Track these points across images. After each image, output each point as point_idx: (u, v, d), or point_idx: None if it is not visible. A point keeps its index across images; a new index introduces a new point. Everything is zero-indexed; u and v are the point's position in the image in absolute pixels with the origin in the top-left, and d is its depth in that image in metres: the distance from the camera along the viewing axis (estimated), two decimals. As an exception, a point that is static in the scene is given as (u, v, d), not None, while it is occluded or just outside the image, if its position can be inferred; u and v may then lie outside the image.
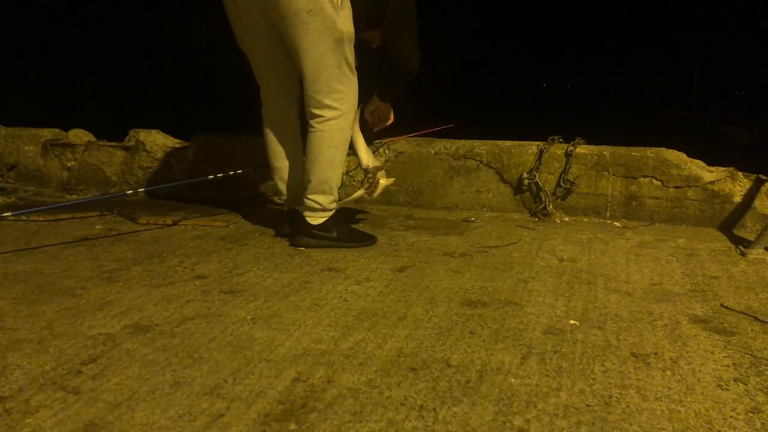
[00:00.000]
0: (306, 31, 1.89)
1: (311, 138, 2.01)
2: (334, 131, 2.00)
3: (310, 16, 1.87)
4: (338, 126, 2.00)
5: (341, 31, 1.92)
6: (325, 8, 1.87)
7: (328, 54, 1.92)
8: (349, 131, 2.05)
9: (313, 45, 1.91)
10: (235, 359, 1.25)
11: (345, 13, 1.93)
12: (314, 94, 1.97)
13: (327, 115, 1.98)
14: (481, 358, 1.26)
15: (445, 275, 1.80)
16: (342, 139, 2.03)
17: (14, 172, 3.27)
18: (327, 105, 1.97)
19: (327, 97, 1.97)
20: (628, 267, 1.89)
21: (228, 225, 2.39)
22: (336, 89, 1.97)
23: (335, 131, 2.00)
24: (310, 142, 2.01)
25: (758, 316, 1.49)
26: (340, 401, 1.09)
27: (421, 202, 2.76)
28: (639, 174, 2.49)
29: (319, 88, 1.96)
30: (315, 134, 2.00)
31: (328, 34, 1.90)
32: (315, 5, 1.86)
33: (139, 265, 1.88)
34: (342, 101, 1.99)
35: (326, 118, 1.98)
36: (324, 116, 1.98)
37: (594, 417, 1.05)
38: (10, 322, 1.43)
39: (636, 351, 1.30)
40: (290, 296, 1.61)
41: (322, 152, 2.00)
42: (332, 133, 2.00)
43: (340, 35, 1.92)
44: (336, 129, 2.00)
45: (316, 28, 1.89)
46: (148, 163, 3.13)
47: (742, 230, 2.34)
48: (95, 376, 1.17)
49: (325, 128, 1.99)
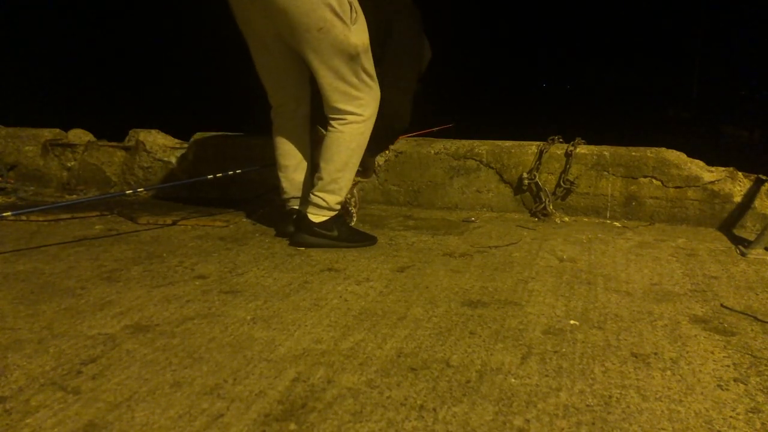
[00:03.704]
0: (318, 48, 1.88)
1: (329, 137, 2.00)
2: (354, 134, 1.99)
3: (322, 34, 1.85)
4: (358, 130, 1.99)
5: (355, 45, 1.90)
6: (336, 25, 1.85)
7: (343, 67, 1.91)
8: (368, 137, 2.03)
9: (327, 60, 1.90)
10: (235, 359, 1.25)
11: (358, 26, 1.91)
12: (334, 104, 1.97)
13: (348, 119, 1.98)
14: (481, 358, 1.26)
15: (445, 275, 1.80)
16: (360, 142, 2.02)
17: (14, 172, 3.27)
18: (349, 111, 1.97)
19: (348, 105, 1.96)
20: (628, 267, 1.89)
21: (228, 225, 2.39)
22: (356, 97, 1.96)
23: (355, 134, 1.99)
24: (327, 141, 2.00)
25: (758, 316, 1.49)
26: (340, 401, 1.09)
27: (421, 202, 2.76)
28: (639, 174, 2.49)
29: (338, 98, 1.96)
30: (334, 135, 1.99)
31: (341, 49, 1.88)
32: (325, 23, 1.84)
33: (139, 265, 1.88)
34: (364, 107, 1.98)
35: (348, 121, 1.98)
36: (345, 119, 1.98)
37: (594, 417, 1.05)
38: (10, 322, 1.42)
39: (636, 351, 1.30)
40: (290, 296, 1.61)
41: (339, 153, 1.99)
42: (351, 136, 1.99)
43: (354, 49, 1.90)
44: (356, 132, 1.99)
45: (328, 45, 1.87)
46: (148, 163, 3.13)
47: (742, 230, 2.34)
48: (95, 376, 1.17)
49: (345, 130, 1.98)
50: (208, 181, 2.42)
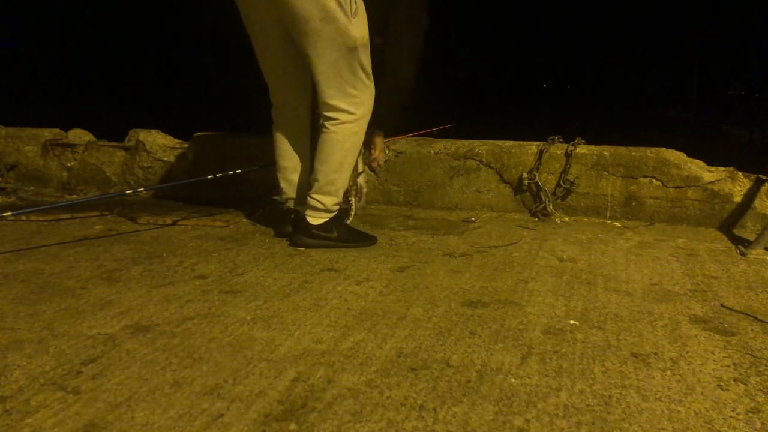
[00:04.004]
0: (318, 38, 1.88)
1: (323, 139, 2.00)
2: (347, 134, 1.99)
3: (323, 24, 1.85)
4: (352, 130, 1.99)
5: (355, 38, 1.90)
6: (338, 17, 1.86)
7: (341, 61, 1.91)
8: (362, 136, 2.04)
9: (325, 52, 1.89)
10: (235, 359, 1.25)
11: (359, 19, 1.91)
12: (328, 100, 1.96)
13: (341, 118, 1.97)
14: (481, 358, 1.26)
15: (445, 275, 1.80)
16: (355, 142, 2.02)
17: (14, 172, 3.27)
18: (342, 109, 1.96)
19: (342, 101, 1.96)
20: (628, 267, 1.89)
21: (228, 225, 2.39)
22: (351, 94, 1.96)
23: (348, 134, 1.99)
24: (321, 142, 2.00)
25: (758, 316, 1.49)
26: (340, 401, 1.09)
27: (421, 202, 2.76)
28: (639, 174, 2.49)
29: (333, 93, 1.95)
30: (327, 135, 1.99)
31: (341, 41, 1.88)
32: (327, 14, 1.84)
33: (139, 265, 1.88)
34: (358, 106, 1.98)
35: (340, 121, 1.97)
36: (338, 119, 1.97)
37: (594, 417, 1.05)
38: (10, 322, 1.43)
39: (636, 351, 1.30)
40: (290, 296, 1.61)
41: (333, 154, 1.99)
42: (345, 136, 1.99)
43: (353, 42, 1.90)
44: (349, 132, 1.99)
45: (328, 36, 1.87)
46: (148, 163, 3.13)
47: (742, 230, 2.34)
48: (95, 376, 1.17)
49: (338, 131, 1.98)
50: (208, 181, 2.42)
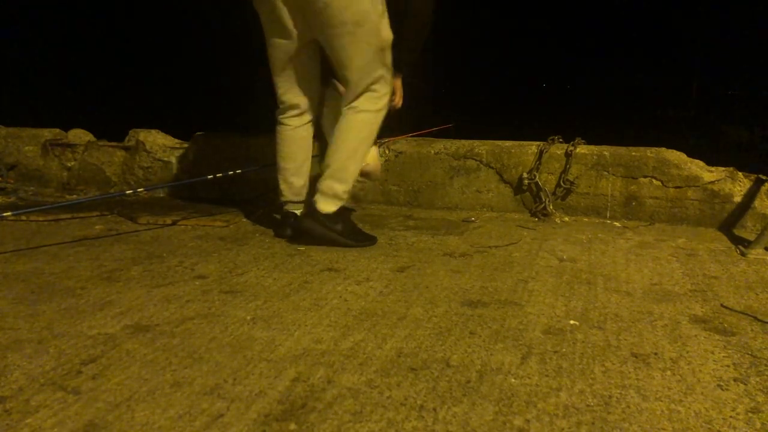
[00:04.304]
0: (352, 41, 1.93)
1: (341, 124, 2.04)
2: (365, 123, 2.04)
3: (357, 27, 1.90)
4: (369, 120, 2.04)
5: (384, 39, 1.97)
6: (372, 19, 1.91)
7: (372, 61, 1.97)
8: (377, 127, 2.09)
9: (358, 53, 1.95)
10: (235, 359, 1.25)
11: (386, 20, 1.97)
12: (352, 95, 2.02)
13: (361, 107, 2.03)
14: (481, 358, 1.26)
15: (445, 275, 1.80)
16: (370, 132, 2.06)
17: (14, 172, 3.27)
18: (364, 101, 2.02)
19: (364, 97, 2.02)
20: (628, 267, 1.89)
21: (228, 225, 2.39)
22: (374, 89, 2.02)
23: (365, 123, 2.04)
24: (338, 128, 2.05)
25: (758, 316, 1.49)
26: (340, 401, 1.09)
27: (421, 202, 2.76)
28: (639, 174, 2.49)
29: (360, 91, 2.01)
30: (345, 122, 2.04)
31: (374, 42, 1.95)
32: (362, 17, 1.89)
33: (139, 265, 1.88)
34: (377, 100, 2.04)
35: (360, 109, 2.03)
36: (358, 107, 2.03)
37: (594, 417, 1.05)
38: (10, 322, 1.43)
39: (636, 351, 1.30)
40: (290, 296, 1.61)
41: (348, 140, 2.03)
42: (362, 125, 2.04)
43: (383, 43, 1.97)
44: (366, 121, 2.04)
45: (362, 38, 1.92)
46: (148, 163, 3.13)
47: (742, 230, 2.34)
48: (95, 376, 1.17)
49: (357, 118, 2.03)
50: (208, 181, 2.42)
